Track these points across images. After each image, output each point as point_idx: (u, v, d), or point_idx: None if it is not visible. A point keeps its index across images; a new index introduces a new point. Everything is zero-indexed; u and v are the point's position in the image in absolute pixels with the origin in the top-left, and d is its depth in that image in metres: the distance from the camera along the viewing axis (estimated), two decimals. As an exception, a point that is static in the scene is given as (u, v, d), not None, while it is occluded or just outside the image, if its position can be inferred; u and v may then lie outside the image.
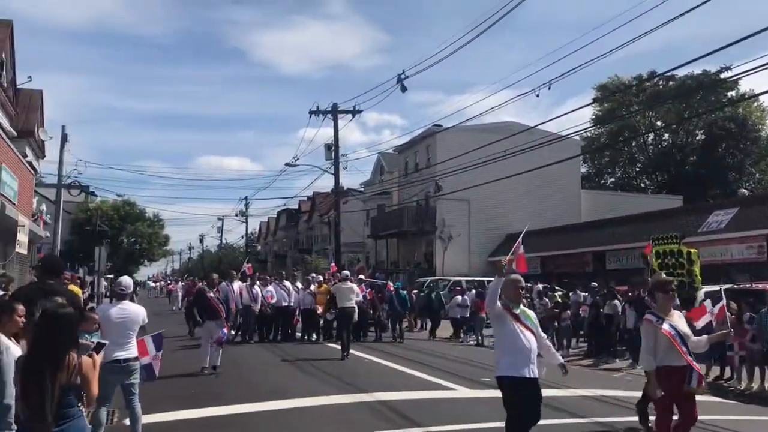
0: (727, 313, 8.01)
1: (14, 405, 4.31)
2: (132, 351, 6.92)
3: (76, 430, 3.92)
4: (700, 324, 7.48)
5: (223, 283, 20.04)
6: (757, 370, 12.40)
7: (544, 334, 6.49)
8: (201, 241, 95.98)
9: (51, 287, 6.39)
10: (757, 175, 53.23)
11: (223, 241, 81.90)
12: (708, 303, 7.88)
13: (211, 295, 12.64)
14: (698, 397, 6.56)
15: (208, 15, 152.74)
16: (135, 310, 7.16)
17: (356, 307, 16.21)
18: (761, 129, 51.54)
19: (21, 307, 5.16)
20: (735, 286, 16.50)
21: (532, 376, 5.99)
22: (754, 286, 15.85)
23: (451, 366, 14.07)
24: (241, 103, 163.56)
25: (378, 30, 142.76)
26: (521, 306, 6.34)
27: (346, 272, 17.45)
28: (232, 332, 18.34)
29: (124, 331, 6.90)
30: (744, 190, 42.83)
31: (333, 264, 23.33)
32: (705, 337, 6.68)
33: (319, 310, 18.44)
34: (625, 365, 15.52)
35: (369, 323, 20.03)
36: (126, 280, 7.59)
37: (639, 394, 11.25)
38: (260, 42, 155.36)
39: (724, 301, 7.63)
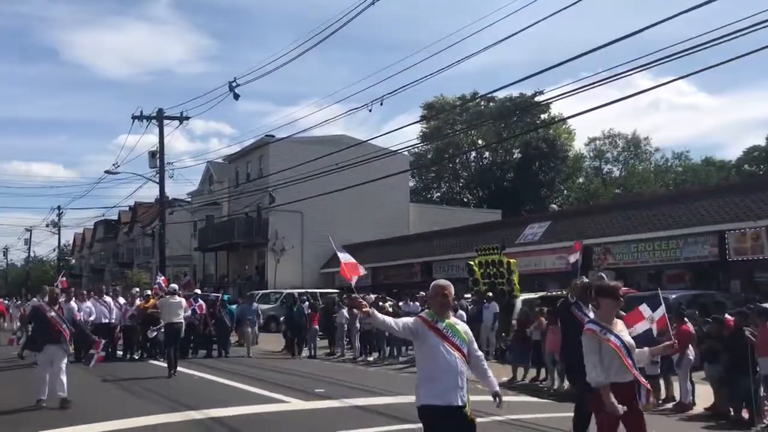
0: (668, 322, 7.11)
1: None
2: None
3: None
4: (637, 330, 6.63)
5: (34, 299, 18.43)
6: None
7: (480, 353, 5.40)
8: (5, 254, 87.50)
9: None
10: (565, 191, 58.23)
11: (32, 254, 75.42)
12: (645, 308, 6.92)
13: (53, 314, 10.67)
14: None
15: (15, 8, 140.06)
16: None
17: (183, 322, 15.54)
18: (569, 149, 56.48)
19: None
20: (549, 294, 17.84)
21: (459, 404, 4.88)
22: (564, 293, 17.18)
23: (285, 379, 13.88)
24: (52, 106, 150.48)
25: (205, 36, 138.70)
26: (449, 319, 5.17)
27: (174, 286, 16.69)
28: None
29: None
30: (554, 206, 46.60)
31: (164, 277, 22.19)
32: (647, 349, 5.95)
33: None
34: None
35: (207, 338, 19.32)
36: None
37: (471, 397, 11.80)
38: (75, 41, 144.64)
39: (664, 307, 6.87)
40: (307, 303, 21.57)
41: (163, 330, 15.06)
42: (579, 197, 56.50)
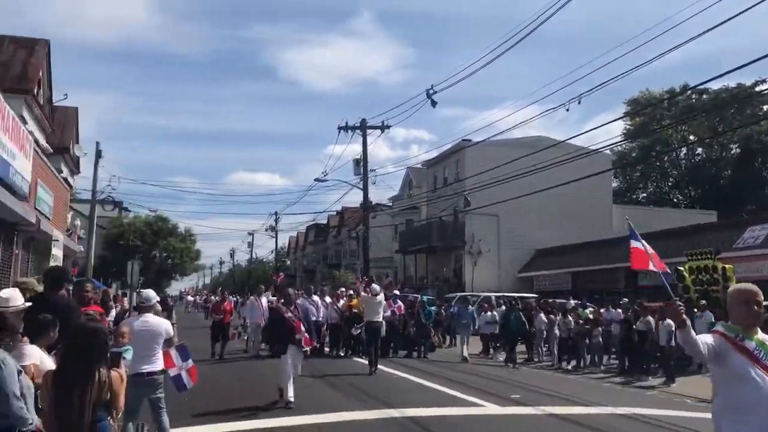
0: None
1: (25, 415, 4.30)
2: (156, 364, 6.87)
3: None
4: None
5: (251, 297, 20.19)
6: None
7: None
8: (231, 255, 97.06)
9: (53, 300, 6.47)
10: (794, 189, 52.13)
11: (254, 256, 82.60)
12: None
13: (290, 314, 10.71)
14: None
15: (238, 33, 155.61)
16: (157, 322, 7.10)
17: (384, 321, 16.15)
18: (798, 143, 50.51)
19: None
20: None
21: None
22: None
23: (481, 382, 13.93)
24: (271, 120, 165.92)
25: (405, 46, 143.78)
26: (757, 335, 3.98)
27: (377, 286, 17.35)
28: (262, 345, 18.41)
29: (147, 343, 6.84)
30: (781, 205, 41.95)
31: (358, 279, 23.34)
32: None
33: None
34: (658, 383, 15.22)
35: (407, 339, 19.85)
36: (148, 293, 7.59)
37: (671, 412, 11.04)
38: (290, 59, 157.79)
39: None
40: (503, 307, 21.46)
41: (364, 328, 15.79)
42: (812, 196, 50.29)
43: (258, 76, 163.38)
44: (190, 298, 67.91)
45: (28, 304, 5.65)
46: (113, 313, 17.51)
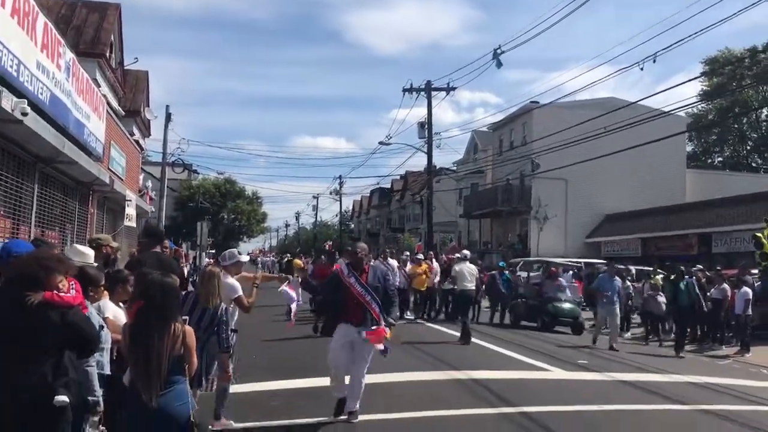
0: None
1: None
2: None
3: (180, 395, 4.02)
4: None
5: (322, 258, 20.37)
6: None
7: None
8: (297, 218, 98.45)
9: (164, 257, 6.67)
10: None
11: (318, 219, 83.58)
12: None
13: (353, 280, 7.18)
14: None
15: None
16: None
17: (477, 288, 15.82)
18: None
19: (132, 277, 5.38)
20: None
21: None
22: None
23: (548, 347, 13.74)
24: (336, 84, 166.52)
25: (471, 7, 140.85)
26: None
27: (466, 252, 16.83)
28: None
29: None
30: None
31: (419, 244, 23.20)
32: None
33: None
34: (733, 352, 14.72)
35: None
36: (230, 251, 7.57)
37: (746, 382, 10.65)
38: (354, 23, 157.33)
39: None
40: (570, 273, 21.02)
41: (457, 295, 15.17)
42: None
43: (324, 40, 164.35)
44: (266, 258, 61.43)
45: (96, 264, 5.81)
46: (185, 270, 18.06)
